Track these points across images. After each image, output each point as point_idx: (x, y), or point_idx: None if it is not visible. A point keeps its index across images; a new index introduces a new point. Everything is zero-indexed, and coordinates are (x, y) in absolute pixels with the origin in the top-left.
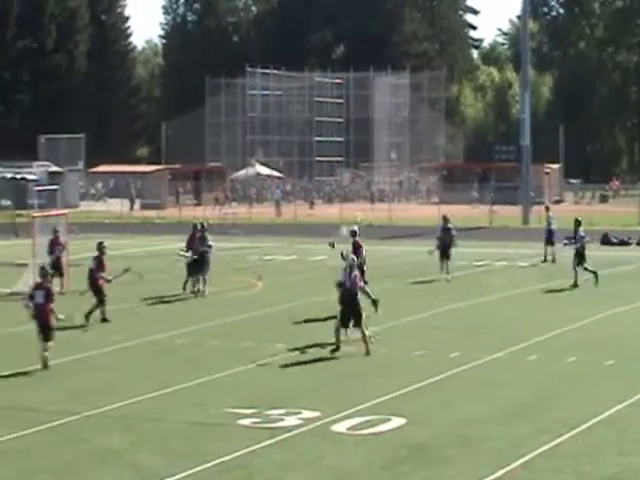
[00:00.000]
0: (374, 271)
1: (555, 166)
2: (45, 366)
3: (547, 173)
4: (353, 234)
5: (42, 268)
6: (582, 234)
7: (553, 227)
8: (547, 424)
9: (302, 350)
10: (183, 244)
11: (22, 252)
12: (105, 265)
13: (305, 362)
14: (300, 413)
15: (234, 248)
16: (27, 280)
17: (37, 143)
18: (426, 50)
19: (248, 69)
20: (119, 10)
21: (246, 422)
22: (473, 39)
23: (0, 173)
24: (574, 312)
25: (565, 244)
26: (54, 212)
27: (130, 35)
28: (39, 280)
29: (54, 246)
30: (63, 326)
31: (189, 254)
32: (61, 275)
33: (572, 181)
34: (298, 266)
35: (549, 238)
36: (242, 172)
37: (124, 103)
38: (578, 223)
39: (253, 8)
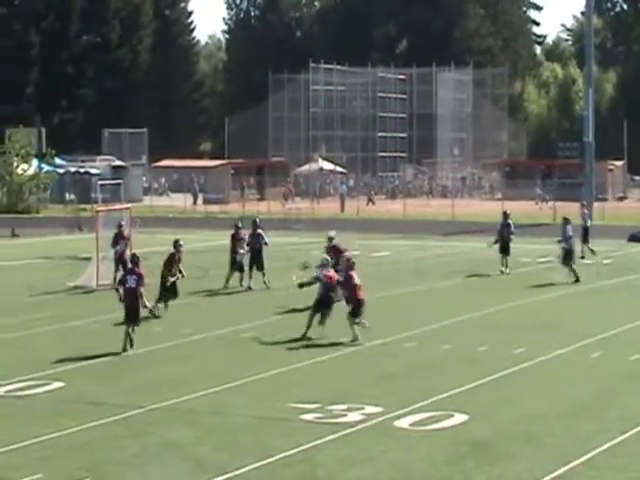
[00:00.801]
0: (437, 267)
1: (619, 163)
2: (132, 345)
3: (611, 170)
4: (330, 239)
5: (134, 255)
6: (570, 233)
7: (589, 224)
8: (611, 421)
9: (364, 345)
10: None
11: (86, 246)
12: (174, 263)
13: (368, 357)
14: (363, 408)
15: (298, 243)
16: (91, 274)
17: (101, 137)
18: (489, 46)
19: (311, 64)
20: (182, 5)
21: (309, 417)
22: (536, 35)
23: (64, 167)
24: (638, 309)
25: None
26: (117, 206)
27: (193, 30)
28: (130, 266)
29: (118, 239)
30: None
31: (245, 250)
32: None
33: (636, 178)
34: (361, 261)
35: (585, 236)
36: (305, 167)
37: (187, 98)
38: (566, 221)
39: (316, 3)
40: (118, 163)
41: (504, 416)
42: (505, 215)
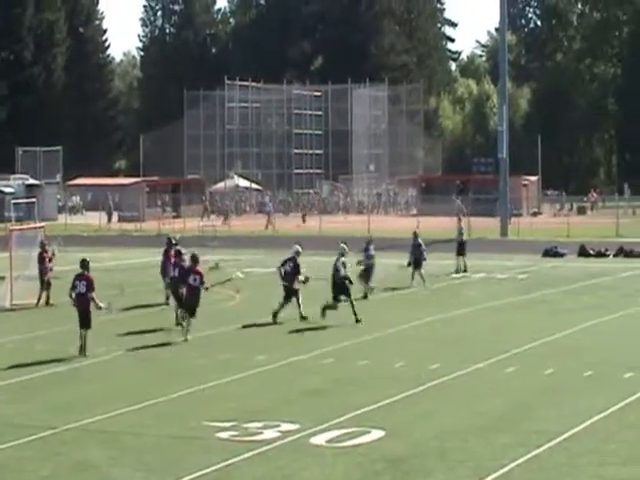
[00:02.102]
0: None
1: (533, 178)
2: (84, 351)
3: (525, 185)
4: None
5: (83, 260)
6: (372, 252)
7: (464, 238)
8: (526, 435)
9: (281, 362)
10: (158, 258)
11: None
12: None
13: (285, 374)
14: (279, 426)
15: (213, 260)
16: (4, 293)
17: (15, 156)
18: (404, 62)
19: (226, 81)
20: (97, 22)
21: (224, 435)
22: (451, 51)
23: None
24: (552, 323)
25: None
26: (32, 225)
27: (108, 47)
28: (80, 271)
29: (44, 258)
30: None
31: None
32: (47, 288)
33: (550, 193)
34: (276, 278)
35: (460, 250)
36: (221, 184)
37: (102, 115)
38: (415, 236)
39: (231, 20)
40: (32, 182)
41: (420, 432)
42: (415, 235)
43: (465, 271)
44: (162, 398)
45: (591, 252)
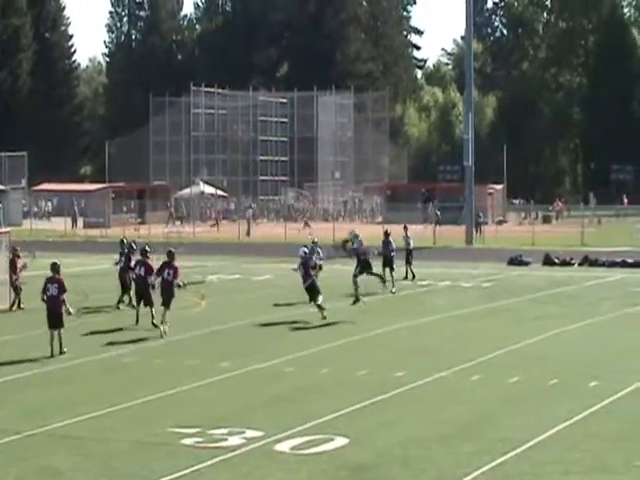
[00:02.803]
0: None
1: (498, 186)
2: (61, 351)
3: (490, 193)
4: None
5: (54, 264)
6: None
7: (411, 246)
8: (490, 443)
9: (246, 369)
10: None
11: None
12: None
13: (249, 381)
14: (244, 432)
15: (180, 267)
16: None
17: None
18: (370, 70)
19: (192, 88)
20: (63, 28)
21: (189, 441)
22: (417, 59)
23: None
24: (517, 332)
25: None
26: None
27: (74, 53)
28: (51, 274)
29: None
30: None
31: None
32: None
33: (515, 201)
34: (242, 285)
35: (408, 257)
36: (186, 191)
37: (68, 121)
38: (386, 235)
39: (197, 27)
40: None
41: (384, 440)
42: (386, 234)
43: (414, 278)
44: (128, 403)
45: (556, 261)
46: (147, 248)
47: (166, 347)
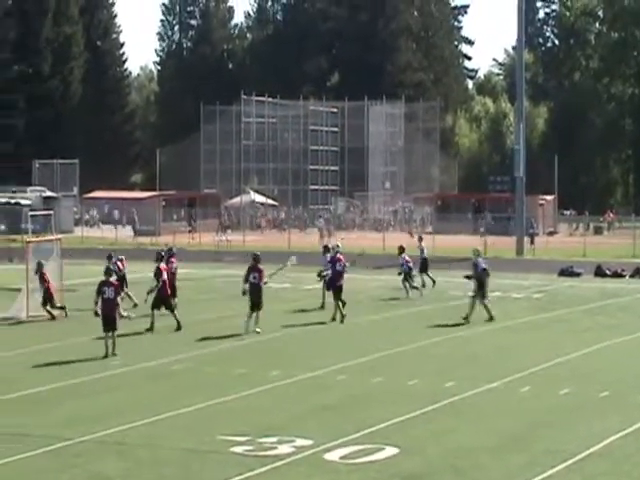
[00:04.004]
0: (370, 300)
1: (549, 197)
2: (113, 353)
3: (541, 204)
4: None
5: (108, 268)
6: (407, 259)
7: (425, 255)
8: (541, 455)
9: (296, 377)
10: (181, 270)
11: (15, 277)
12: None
13: (300, 390)
14: (293, 441)
15: (229, 275)
16: (21, 305)
17: (32, 168)
18: (421, 80)
19: (243, 96)
20: (114, 36)
21: (239, 450)
22: (468, 69)
23: None
24: (568, 343)
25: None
26: (48, 237)
27: (125, 61)
28: (105, 278)
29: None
30: (67, 359)
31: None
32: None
33: (566, 212)
34: (292, 294)
35: (423, 266)
36: (236, 199)
37: (119, 129)
38: (402, 250)
39: (248, 35)
40: (49, 194)
41: (434, 449)
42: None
43: (434, 284)
44: (178, 411)
45: (607, 272)
46: (162, 253)
47: (216, 355)
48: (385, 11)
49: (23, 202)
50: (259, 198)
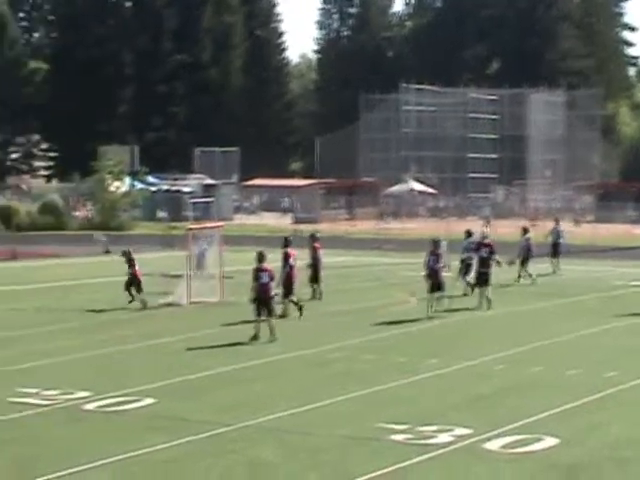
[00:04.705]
0: (538, 288)
1: None
2: (272, 338)
3: None
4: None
5: (260, 253)
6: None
7: (560, 240)
8: None
9: (455, 366)
10: (334, 259)
11: (177, 263)
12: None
13: (458, 379)
14: (452, 430)
15: (388, 263)
16: (182, 291)
17: (193, 156)
18: (582, 67)
19: (402, 85)
20: (274, 25)
21: (399, 437)
22: (629, 56)
23: (157, 185)
24: None
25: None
26: (210, 224)
27: (285, 50)
28: (258, 264)
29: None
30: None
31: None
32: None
33: None
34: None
35: (555, 251)
36: (395, 188)
37: (278, 117)
38: (525, 231)
39: (407, 23)
40: (210, 182)
41: (595, 441)
42: (525, 231)
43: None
44: (335, 399)
45: None
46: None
47: (374, 343)
48: None
49: (184, 189)
50: (418, 186)
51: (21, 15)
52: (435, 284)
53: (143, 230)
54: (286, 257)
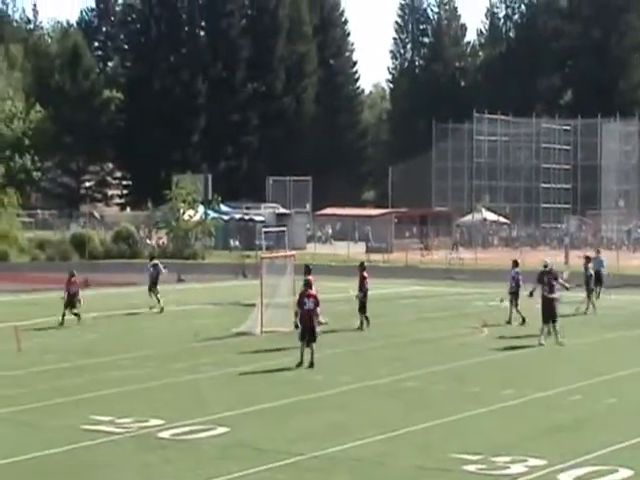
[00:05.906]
0: (604, 319)
1: None
2: (311, 365)
3: None
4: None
5: (307, 280)
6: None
7: (603, 270)
8: None
9: (529, 397)
10: (406, 288)
11: (250, 292)
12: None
13: (532, 409)
14: (526, 461)
15: (461, 293)
16: (255, 320)
17: (265, 184)
18: None
19: (475, 114)
20: (347, 54)
21: (471, 468)
22: None
23: (229, 214)
24: None
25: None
26: (282, 253)
27: (358, 79)
28: (304, 290)
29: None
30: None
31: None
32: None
33: None
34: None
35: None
36: (468, 217)
37: (351, 146)
38: (515, 264)
39: (480, 53)
40: (282, 210)
41: None
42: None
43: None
44: (408, 429)
45: None
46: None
47: (447, 373)
48: (618, 26)
49: (257, 218)
50: (491, 216)
51: (96, 44)
52: (549, 314)
53: (216, 259)
54: (362, 279)
